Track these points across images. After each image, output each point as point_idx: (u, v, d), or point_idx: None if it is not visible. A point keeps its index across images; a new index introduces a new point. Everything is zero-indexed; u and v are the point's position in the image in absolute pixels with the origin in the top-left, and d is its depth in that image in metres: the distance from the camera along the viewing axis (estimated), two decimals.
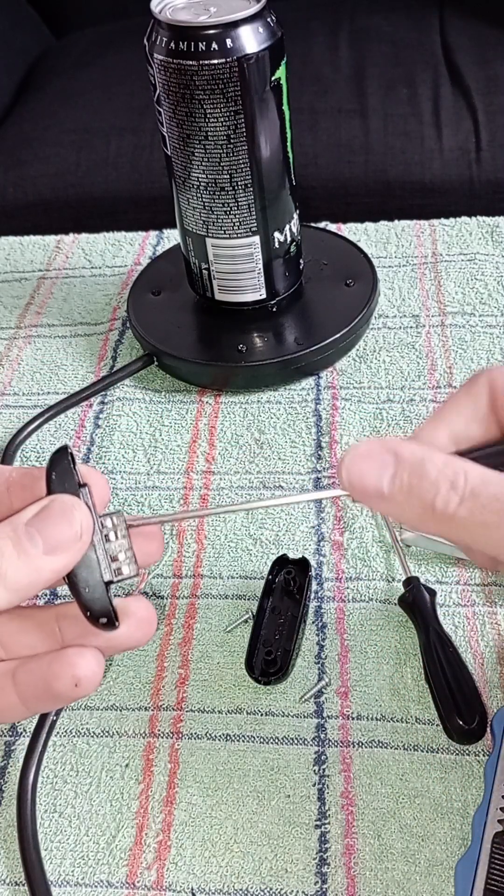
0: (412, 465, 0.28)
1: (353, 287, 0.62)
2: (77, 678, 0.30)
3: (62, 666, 0.30)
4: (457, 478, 0.28)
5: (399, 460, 0.29)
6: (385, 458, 0.29)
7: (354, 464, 0.29)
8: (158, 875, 0.39)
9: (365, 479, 0.29)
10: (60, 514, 0.30)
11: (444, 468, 0.28)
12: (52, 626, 0.32)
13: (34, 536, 0.29)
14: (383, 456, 0.29)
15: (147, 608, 0.32)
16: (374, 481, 0.29)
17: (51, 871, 0.39)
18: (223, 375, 0.59)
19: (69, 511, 0.30)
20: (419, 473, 0.28)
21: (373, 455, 0.29)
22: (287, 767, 0.41)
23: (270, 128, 0.53)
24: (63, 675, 0.30)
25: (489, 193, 1.14)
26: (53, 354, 0.65)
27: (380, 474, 0.29)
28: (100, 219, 1.19)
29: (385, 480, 0.28)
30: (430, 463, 0.28)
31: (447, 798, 0.40)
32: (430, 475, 0.28)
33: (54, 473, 0.31)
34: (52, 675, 0.30)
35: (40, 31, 1.62)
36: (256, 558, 0.50)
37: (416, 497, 0.28)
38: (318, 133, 1.18)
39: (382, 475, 0.29)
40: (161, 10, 0.50)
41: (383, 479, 0.29)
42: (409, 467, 0.28)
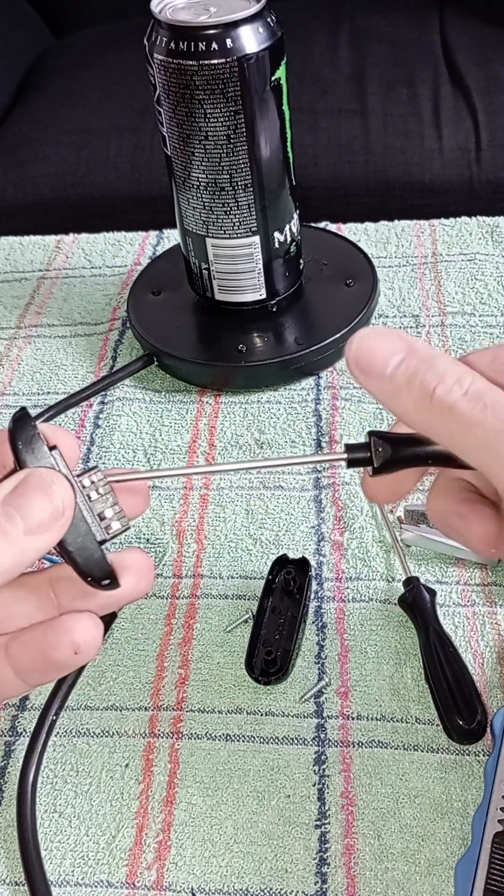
0: (423, 355, 0.28)
1: (353, 287, 0.62)
2: (76, 645, 0.29)
3: (59, 634, 0.29)
4: (464, 376, 0.27)
5: (411, 350, 0.28)
6: (399, 343, 0.28)
7: (367, 337, 0.29)
8: (158, 875, 0.39)
9: (374, 354, 0.28)
10: (38, 489, 0.28)
11: (453, 365, 0.28)
12: (46, 591, 0.31)
13: (13, 516, 0.28)
14: (397, 341, 0.28)
15: (143, 558, 0.31)
16: (381, 359, 0.28)
17: (51, 871, 0.39)
18: (223, 375, 0.59)
19: (47, 486, 0.28)
20: (428, 362, 0.28)
21: (388, 337, 0.29)
22: (287, 767, 0.41)
23: (270, 128, 0.53)
24: (61, 643, 0.29)
25: (489, 193, 1.15)
26: (53, 354, 0.65)
27: (389, 354, 0.28)
28: (100, 219, 1.19)
29: (392, 361, 0.28)
30: (441, 358, 0.28)
31: (447, 798, 0.40)
32: (439, 366, 0.28)
33: (20, 442, 0.29)
34: (49, 645, 0.29)
35: (40, 31, 1.62)
36: (256, 558, 0.50)
37: (417, 382, 0.27)
38: (318, 133, 1.18)
39: (391, 356, 0.28)
40: (161, 10, 0.50)
41: (391, 359, 0.28)
42: (419, 355, 0.28)
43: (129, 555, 0.31)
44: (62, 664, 0.30)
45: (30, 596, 0.31)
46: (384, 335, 0.29)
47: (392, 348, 0.28)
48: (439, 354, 0.28)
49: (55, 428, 0.31)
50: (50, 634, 0.30)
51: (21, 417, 0.29)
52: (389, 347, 0.28)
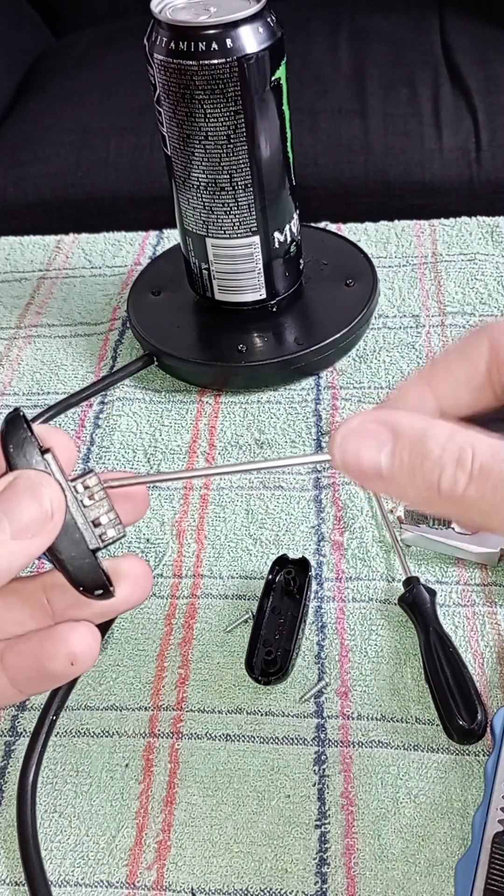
0: (412, 441, 0.25)
1: (353, 287, 0.62)
2: (73, 655, 0.29)
3: (55, 644, 0.29)
4: (463, 454, 0.25)
5: (397, 436, 0.26)
6: (381, 433, 0.26)
7: (348, 441, 0.26)
8: (158, 875, 0.39)
9: (361, 460, 0.26)
10: (27, 492, 0.27)
11: (447, 443, 0.25)
12: (39, 599, 0.31)
13: (1, 520, 0.27)
14: (379, 431, 0.26)
15: (141, 565, 0.30)
16: (371, 462, 0.26)
17: (51, 871, 0.39)
18: (223, 375, 0.59)
19: (36, 488, 0.27)
20: (421, 451, 0.25)
21: (367, 431, 0.26)
22: (287, 767, 0.41)
23: (270, 128, 0.53)
24: (57, 653, 0.29)
25: (489, 193, 1.15)
26: (53, 354, 0.65)
27: (376, 453, 0.26)
28: (100, 219, 1.19)
29: (384, 460, 0.26)
30: (433, 438, 0.25)
31: (447, 798, 0.40)
32: (434, 453, 0.25)
33: (11, 445, 0.28)
34: (46, 655, 0.29)
35: (40, 31, 1.62)
36: (256, 558, 0.50)
37: (419, 478, 0.25)
38: (318, 133, 1.18)
39: (379, 453, 0.26)
40: (161, 10, 0.50)
41: (381, 457, 0.26)
42: (408, 444, 0.25)
43: (125, 562, 0.30)
44: (58, 675, 0.29)
45: (22, 603, 0.31)
46: (361, 430, 0.26)
47: (375, 442, 0.26)
48: (428, 431, 0.25)
49: (52, 429, 0.30)
50: (46, 645, 0.29)
51: (13, 419, 0.28)
52: (373, 444, 0.26)
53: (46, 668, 0.29)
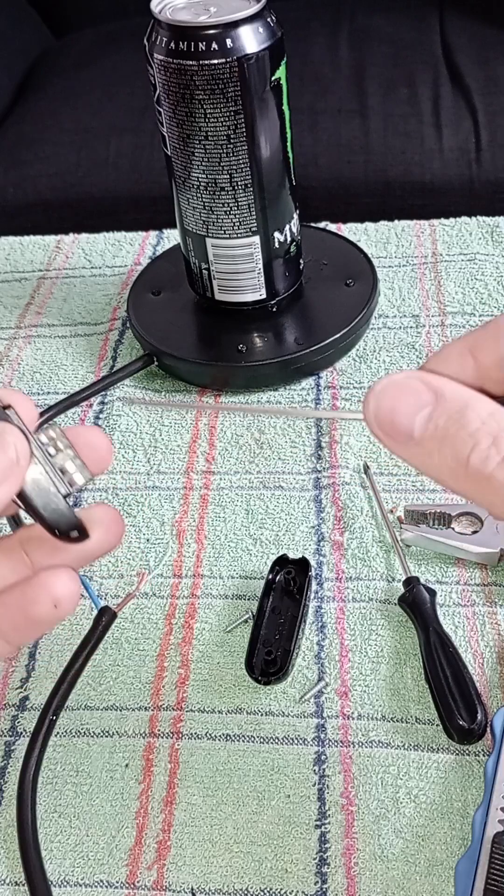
0: (452, 408, 0.24)
1: (353, 287, 0.62)
2: (56, 598, 0.29)
3: (37, 590, 0.30)
4: (500, 434, 0.23)
5: (439, 400, 0.24)
6: (424, 394, 0.24)
7: (387, 394, 0.25)
8: (158, 875, 0.39)
9: (396, 415, 0.24)
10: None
11: (488, 419, 0.24)
12: (18, 553, 0.32)
13: None
14: (422, 391, 0.24)
15: (111, 512, 0.31)
16: (406, 419, 0.24)
17: (51, 871, 0.39)
18: (223, 375, 0.59)
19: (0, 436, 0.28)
20: (458, 420, 0.24)
21: (410, 388, 0.24)
22: (287, 767, 0.41)
23: (270, 128, 0.53)
24: (40, 598, 0.30)
25: (489, 193, 1.14)
26: (53, 354, 0.65)
27: (414, 412, 0.24)
28: (100, 219, 1.19)
29: (419, 421, 0.24)
30: (473, 410, 0.24)
31: (447, 798, 0.40)
32: (471, 424, 0.24)
33: None
34: (29, 602, 0.30)
35: (40, 31, 1.62)
36: (256, 558, 0.50)
37: (449, 447, 0.24)
38: (318, 133, 1.18)
39: (417, 414, 0.24)
40: (161, 10, 0.50)
41: (417, 418, 0.24)
42: (447, 411, 0.24)
43: (95, 509, 0.31)
44: (43, 619, 0.30)
45: (3, 559, 0.31)
46: (404, 385, 0.25)
47: (416, 401, 0.24)
48: (471, 402, 0.24)
49: (10, 390, 0.31)
50: (28, 591, 0.30)
51: None
52: (412, 401, 0.24)
53: (31, 615, 0.30)
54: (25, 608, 0.30)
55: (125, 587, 0.49)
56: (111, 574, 0.50)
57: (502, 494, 0.23)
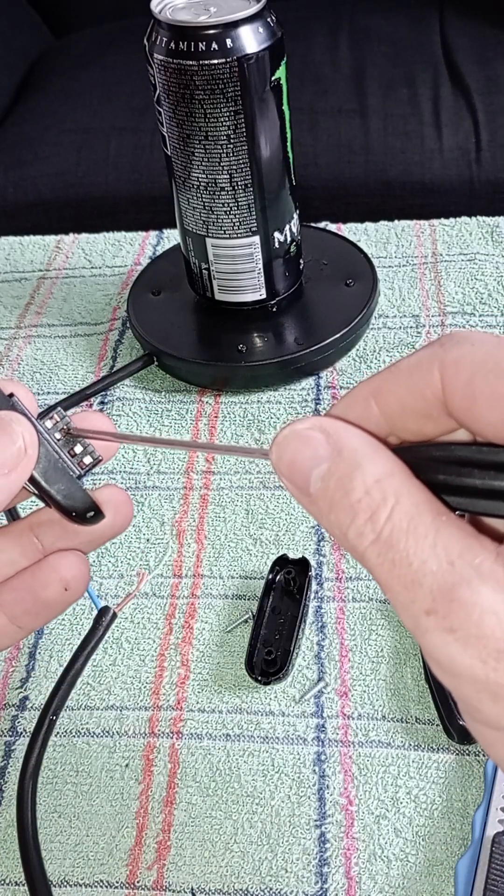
0: (343, 471, 0.22)
1: (353, 287, 0.62)
2: (65, 581, 0.30)
3: (47, 572, 0.30)
4: (380, 509, 0.21)
5: (336, 457, 0.23)
6: (322, 448, 0.23)
7: (288, 445, 0.23)
8: (158, 875, 0.39)
9: (295, 469, 0.23)
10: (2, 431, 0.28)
11: (373, 487, 0.22)
12: (28, 538, 0.32)
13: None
14: (321, 445, 0.23)
15: (119, 493, 0.31)
16: (304, 472, 0.23)
17: (51, 871, 0.39)
18: (223, 375, 0.59)
19: (7, 426, 0.28)
20: (344, 486, 0.22)
21: (311, 440, 0.23)
22: (287, 767, 0.41)
23: (270, 128, 0.53)
24: (50, 581, 0.30)
25: (489, 193, 1.15)
26: (53, 354, 0.65)
27: (311, 467, 0.23)
28: (100, 219, 1.19)
29: (314, 478, 0.23)
30: (361, 475, 0.22)
31: (447, 798, 0.40)
32: (355, 493, 0.22)
33: None
34: (40, 585, 0.30)
35: (40, 31, 1.62)
36: (256, 558, 0.50)
37: (335, 514, 0.22)
38: (318, 133, 1.18)
39: (313, 469, 0.23)
40: (161, 10, 0.50)
41: (313, 475, 0.23)
42: (339, 471, 0.22)
43: (104, 490, 0.31)
44: (53, 602, 0.30)
45: (12, 544, 0.32)
46: (305, 438, 0.23)
47: (313, 457, 0.23)
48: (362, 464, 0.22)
49: (9, 380, 0.31)
50: (38, 574, 0.30)
51: None
52: (310, 456, 0.23)
53: (41, 597, 0.30)
54: (36, 591, 0.30)
55: (125, 587, 0.49)
56: (111, 574, 0.50)
57: (376, 574, 0.22)
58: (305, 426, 0.24)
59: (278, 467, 0.24)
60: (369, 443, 0.23)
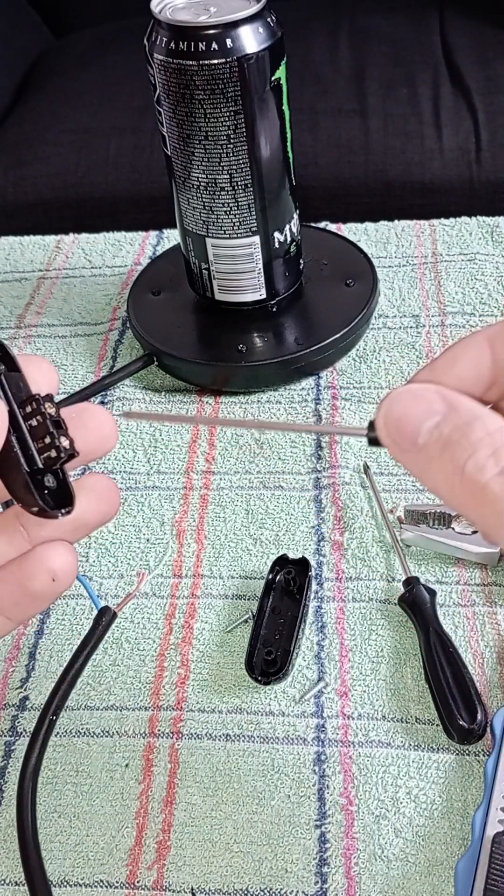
0: (461, 420, 0.24)
1: (353, 287, 0.62)
2: (53, 572, 0.29)
3: (34, 563, 0.30)
4: (502, 448, 0.23)
5: (450, 412, 0.24)
6: (437, 404, 0.25)
7: (401, 398, 0.25)
8: (158, 875, 0.39)
9: (405, 421, 0.25)
10: None
11: (495, 432, 0.24)
12: (14, 527, 0.31)
13: None
14: (436, 402, 0.25)
15: (102, 479, 0.31)
16: (413, 427, 0.25)
17: (51, 871, 0.39)
18: (223, 375, 0.59)
19: None
20: (463, 429, 0.24)
21: (425, 397, 0.25)
22: (287, 767, 0.41)
23: (270, 128, 0.53)
24: (38, 572, 0.29)
25: (489, 193, 1.14)
26: (53, 354, 0.65)
27: (423, 420, 0.24)
28: (100, 219, 1.19)
29: (425, 428, 0.24)
30: (481, 422, 0.24)
31: (447, 798, 0.40)
32: (475, 434, 0.24)
33: None
34: (27, 576, 0.30)
35: (40, 31, 1.62)
36: (256, 558, 0.50)
37: (449, 453, 0.24)
38: (318, 133, 1.18)
39: (425, 421, 0.24)
40: (161, 10, 0.50)
41: (424, 426, 0.24)
42: (455, 421, 0.24)
43: (88, 478, 0.31)
44: (41, 593, 0.30)
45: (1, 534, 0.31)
46: (420, 394, 0.25)
47: (427, 410, 0.25)
48: (481, 416, 0.24)
49: (33, 356, 0.30)
50: (26, 565, 0.30)
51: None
52: (424, 408, 0.25)
53: (29, 589, 0.30)
54: (24, 583, 0.30)
55: (125, 587, 0.49)
56: (111, 574, 0.50)
57: (494, 507, 0.23)
58: (421, 386, 0.25)
59: (387, 420, 0.25)
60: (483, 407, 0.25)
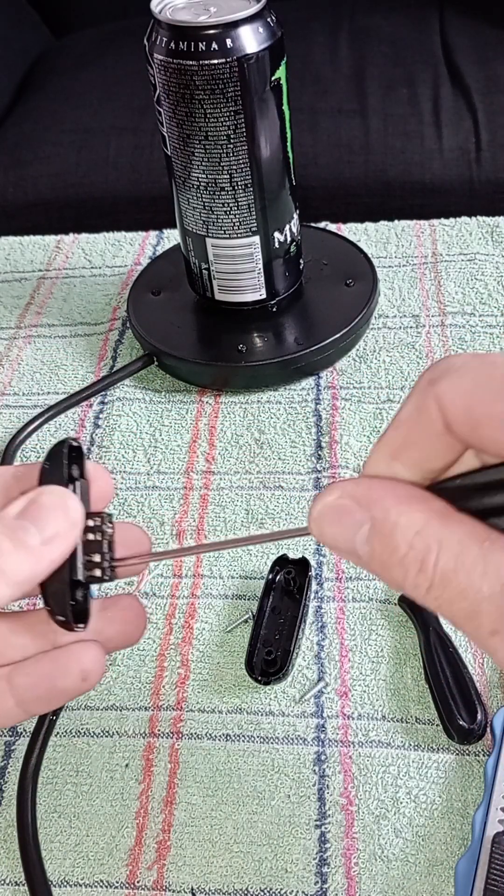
0: (384, 531, 0.24)
1: (353, 287, 0.62)
2: (85, 671, 0.30)
3: (68, 660, 0.31)
4: (427, 558, 0.23)
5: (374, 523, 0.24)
6: (356, 514, 0.25)
7: (324, 520, 0.25)
8: (158, 875, 0.39)
9: (337, 541, 0.25)
10: (54, 503, 0.30)
11: (415, 540, 0.23)
12: (43, 627, 0.32)
13: (28, 528, 0.29)
14: (355, 512, 0.25)
15: (134, 604, 0.32)
16: (347, 544, 0.25)
17: (51, 871, 0.39)
18: (223, 375, 0.59)
19: (62, 500, 0.30)
20: (389, 545, 0.24)
21: (342, 510, 0.25)
22: (287, 767, 0.41)
23: (270, 128, 0.53)
24: (70, 669, 0.30)
25: (489, 193, 1.15)
26: (53, 354, 0.65)
27: (352, 535, 0.25)
28: (100, 219, 1.19)
29: (359, 543, 0.25)
30: (402, 532, 0.24)
31: (447, 798, 0.40)
32: (400, 550, 0.24)
33: (47, 463, 0.31)
34: (59, 671, 0.30)
35: (40, 31, 1.62)
36: (256, 558, 0.50)
37: (388, 573, 0.24)
38: (318, 133, 1.18)
39: (355, 536, 0.25)
40: (161, 10, 0.50)
41: (356, 540, 0.25)
42: (378, 534, 0.24)
43: (122, 599, 0.32)
44: (69, 690, 0.31)
45: (27, 629, 0.32)
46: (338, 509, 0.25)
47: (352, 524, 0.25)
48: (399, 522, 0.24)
49: (98, 466, 0.33)
50: (59, 661, 0.31)
51: (57, 444, 0.31)
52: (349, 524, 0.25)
53: (58, 685, 0.31)
54: (54, 678, 0.31)
55: (125, 587, 0.49)
56: None
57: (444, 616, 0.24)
58: (335, 497, 0.25)
59: (323, 542, 0.26)
60: (400, 496, 0.24)
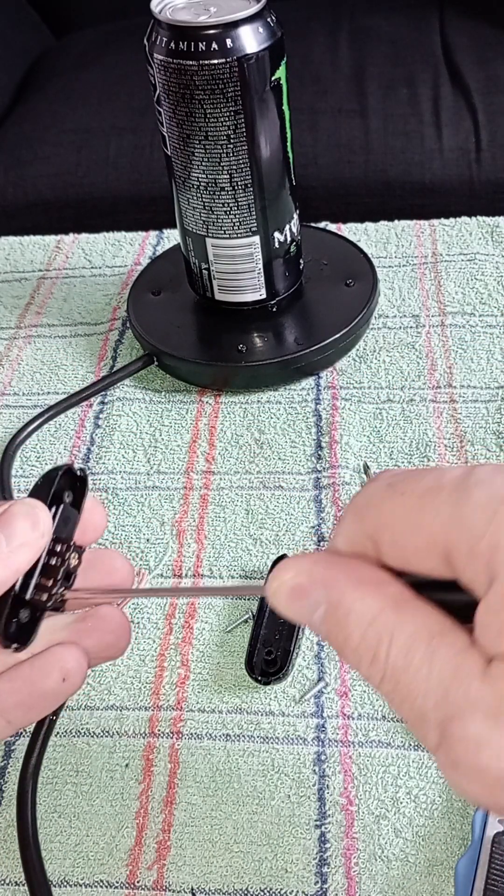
0: (339, 616, 0.24)
1: (353, 287, 0.62)
2: (65, 671, 0.31)
3: (48, 662, 0.31)
4: (379, 649, 0.23)
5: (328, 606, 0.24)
6: (314, 594, 0.24)
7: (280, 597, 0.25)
8: (158, 875, 0.39)
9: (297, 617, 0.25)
10: (23, 511, 0.30)
11: (368, 630, 0.23)
12: None
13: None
14: (312, 591, 0.25)
15: (113, 614, 0.32)
16: (306, 619, 0.25)
17: (51, 871, 0.39)
18: (223, 375, 0.59)
19: (32, 510, 0.30)
20: (343, 632, 0.24)
21: (299, 590, 0.25)
22: (287, 767, 0.41)
23: (270, 128, 0.53)
24: (51, 670, 0.31)
25: (489, 193, 1.15)
26: (53, 354, 0.65)
27: (310, 613, 0.25)
28: (100, 219, 1.19)
29: (317, 621, 0.25)
30: (355, 621, 0.24)
31: (447, 798, 0.40)
32: (353, 639, 0.24)
33: (39, 481, 0.32)
34: (39, 674, 0.31)
35: (40, 31, 1.62)
36: (256, 558, 0.50)
37: (345, 657, 0.24)
38: (318, 133, 1.18)
39: (313, 614, 0.25)
40: (161, 10, 0.50)
41: (314, 618, 0.25)
42: (333, 619, 0.24)
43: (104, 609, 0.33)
44: (50, 692, 0.31)
45: None
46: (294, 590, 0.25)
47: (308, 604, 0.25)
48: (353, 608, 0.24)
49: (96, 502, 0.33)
50: (38, 664, 0.31)
51: (52, 470, 0.32)
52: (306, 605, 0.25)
53: (39, 688, 0.31)
54: (34, 681, 0.31)
55: None
56: None
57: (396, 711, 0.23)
58: (290, 575, 0.25)
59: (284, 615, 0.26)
60: (358, 578, 0.24)
